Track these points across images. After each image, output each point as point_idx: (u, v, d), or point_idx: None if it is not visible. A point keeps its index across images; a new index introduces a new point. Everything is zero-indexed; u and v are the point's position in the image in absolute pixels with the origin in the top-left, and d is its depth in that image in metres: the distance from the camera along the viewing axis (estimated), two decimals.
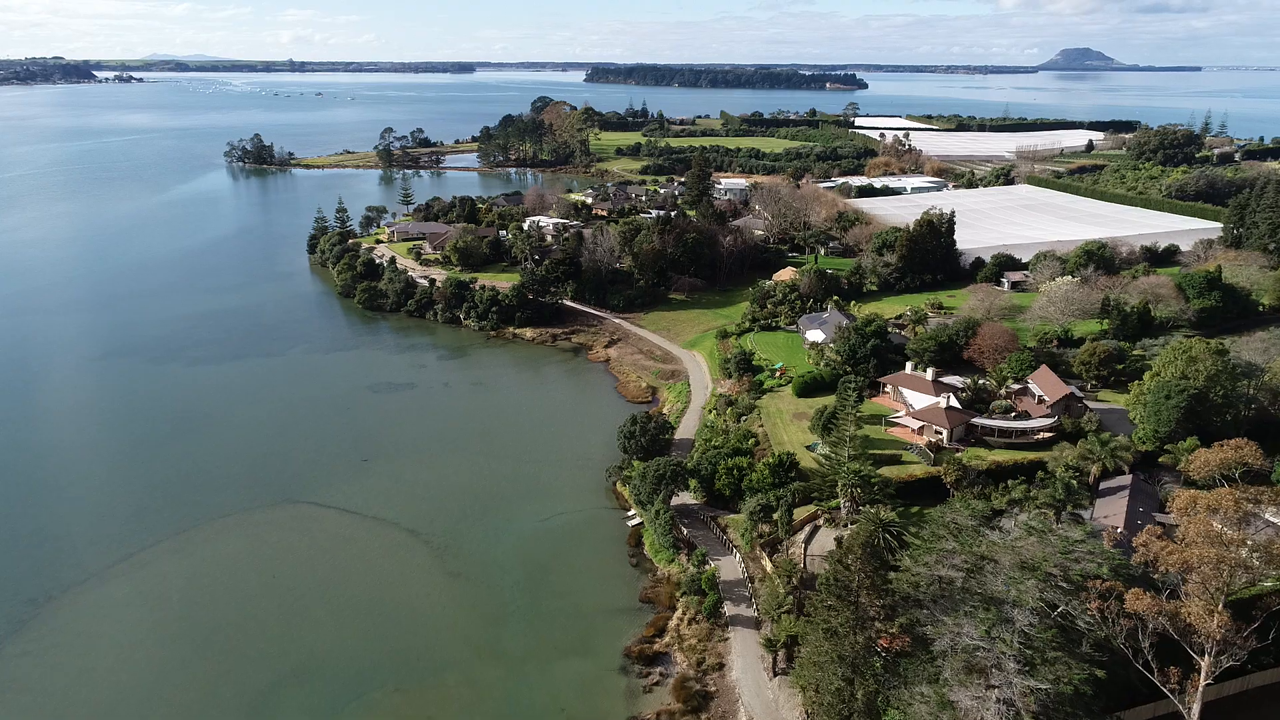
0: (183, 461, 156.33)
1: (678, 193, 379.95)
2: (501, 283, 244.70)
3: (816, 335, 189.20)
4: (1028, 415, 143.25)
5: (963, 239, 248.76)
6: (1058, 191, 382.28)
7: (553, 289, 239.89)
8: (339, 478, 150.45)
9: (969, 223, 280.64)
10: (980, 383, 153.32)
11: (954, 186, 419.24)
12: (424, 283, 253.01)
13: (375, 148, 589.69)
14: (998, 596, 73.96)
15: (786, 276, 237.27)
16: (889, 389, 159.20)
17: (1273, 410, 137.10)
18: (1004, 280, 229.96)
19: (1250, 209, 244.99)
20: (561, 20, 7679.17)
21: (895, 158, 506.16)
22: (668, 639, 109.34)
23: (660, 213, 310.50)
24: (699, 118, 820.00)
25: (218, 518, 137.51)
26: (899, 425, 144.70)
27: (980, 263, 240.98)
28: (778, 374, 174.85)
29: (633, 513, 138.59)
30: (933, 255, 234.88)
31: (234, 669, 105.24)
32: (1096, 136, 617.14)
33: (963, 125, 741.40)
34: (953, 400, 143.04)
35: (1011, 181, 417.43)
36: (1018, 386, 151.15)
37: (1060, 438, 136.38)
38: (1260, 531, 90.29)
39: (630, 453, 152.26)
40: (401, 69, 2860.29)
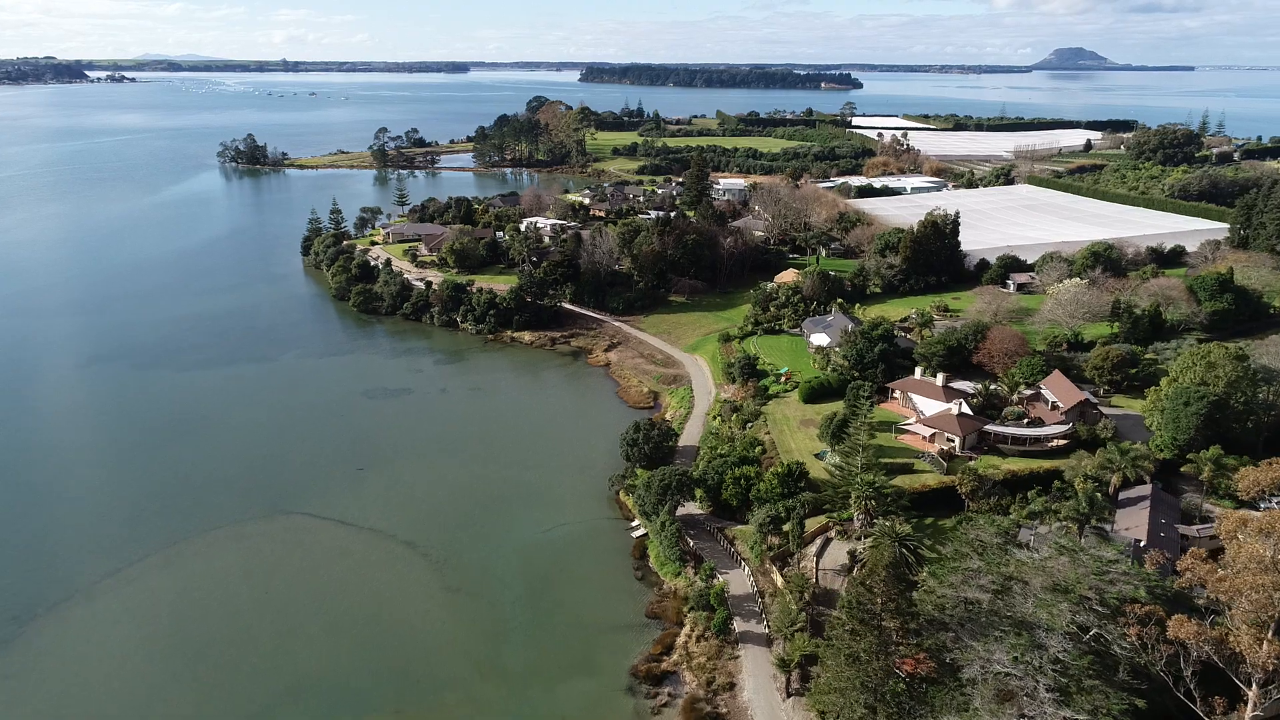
0: (173, 471, 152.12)
1: (676, 193, 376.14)
2: (499, 285, 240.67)
3: (821, 339, 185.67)
4: (1041, 422, 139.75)
5: (966, 240, 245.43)
6: (1059, 191, 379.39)
7: (551, 291, 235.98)
8: (334, 487, 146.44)
9: (971, 223, 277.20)
10: (992, 388, 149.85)
11: (954, 186, 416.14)
12: (420, 285, 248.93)
13: (370, 148, 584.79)
14: (1028, 620, 70.33)
15: (789, 278, 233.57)
16: (897, 395, 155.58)
17: None
18: (1009, 282, 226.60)
19: (1257, 209, 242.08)
20: (556, 20, 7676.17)
21: (894, 157, 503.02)
22: (676, 657, 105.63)
23: (659, 214, 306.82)
24: (695, 117, 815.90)
25: (209, 530, 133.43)
26: (909, 432, 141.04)
27: (985, 264, 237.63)
28: (783, 379, 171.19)
29: (636, 523, 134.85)
30: (937, 257, 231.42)
31: (226, 689, 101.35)
32: (1094, 136, 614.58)
33: (960, 125, 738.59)
34: (964, 407, 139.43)
35: (1012, 181, 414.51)
36: (1030, 392, 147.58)
37: (1075, 445, 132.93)
38: None
39: (633, 461, 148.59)
40: (395, 69, 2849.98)
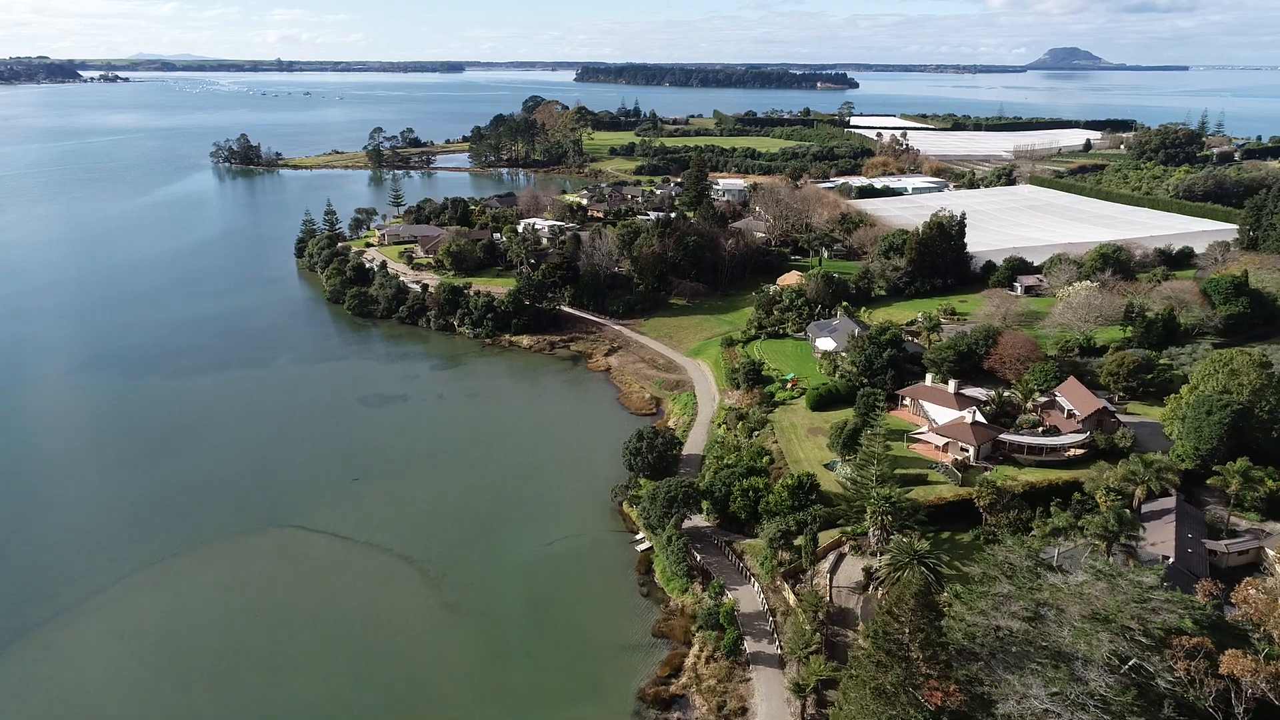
0: (162, 482, 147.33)
1: (674, 193, 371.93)
2: (496, 288, 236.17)
3: (827, 343, 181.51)
4: (1057, 430, 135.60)
5: (970, 241, 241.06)
6: (1061, 192, 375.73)
7: (550, 294, 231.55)
8: (328, 499, 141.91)
9: (974, 224, 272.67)
10: (1005, 395, 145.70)
11: (955, 187, 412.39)
12: (416, 288, 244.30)
13: (365, 148, 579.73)
14: (1065, 651, 66.10)
15: (792, 281, 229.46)
16: (908, 402, 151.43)
17: None
18: (1016, 284, 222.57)
19: (1267, 210, 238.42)
20: (551, 20, 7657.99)
21: (893, 157, 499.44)
22: (684, 679, 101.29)
23: (659, 215, 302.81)
24: (692, 117, 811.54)
25: (199, 545, 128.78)
26: (921, 441, 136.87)
27: (991, 266, 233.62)
28: (789, 385, 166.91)
29: (641, 536, 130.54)
30: (943, 259, 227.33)
31: (215, 713, 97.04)
32: (1094, 136, 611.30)
33: (958, 124, 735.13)
34: (978, 415, 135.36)
35: (1013, 182, 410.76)
36: (1044, 399, 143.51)
37: (1093, 455, 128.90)
38: None
39: (636, 470, 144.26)
40: (390, 68, 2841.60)
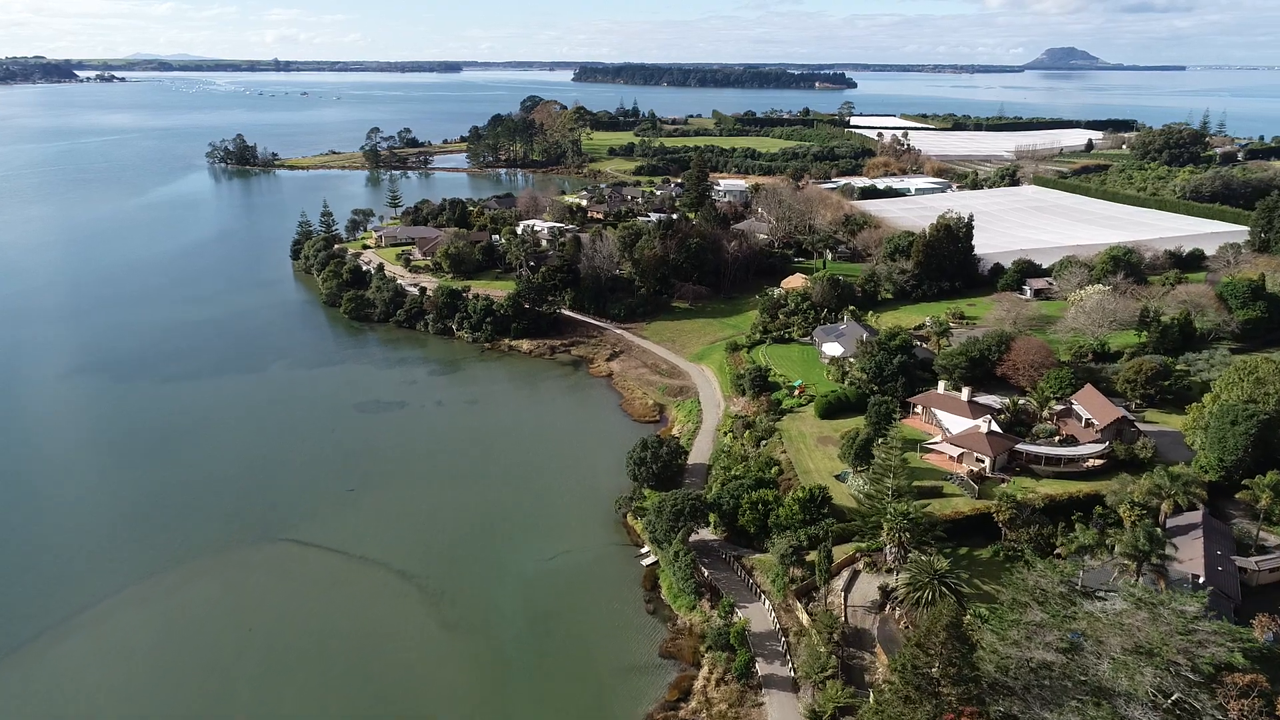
0: (152, 494, 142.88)
1: (675, 194, 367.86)
2: (495, 291, 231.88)
3: (834, 349, 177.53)
4: (1075, 440, 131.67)
5: (976, 243, 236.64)
6: (1066, 192, 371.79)
7: (550, 298, 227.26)
8: (323, 510, 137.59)
9: (980, 226, 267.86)
10: (1020, 403, 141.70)
11: (958, 187, 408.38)
12: (414, 291, 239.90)
13: (362, 148, 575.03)
14: (1106, 686, 61.96)
15: (796, 284, 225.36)
16: (919, 410, 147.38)
17: None
18: (1025, 287, 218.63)
19: (1278, 212, 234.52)
20: (549, 20, 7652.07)
21: (894, 158, 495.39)
22: (694, 704, 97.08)
23: (660, 216, 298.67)
24: (691, 117, 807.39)
25: (189, 559, 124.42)
26: (935, 451, 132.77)
27: (1000, 269, 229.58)
28: (796, 392, 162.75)
29: (646, 550, 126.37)
30: (950, 261, 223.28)
31: None
32: (1095, 136, 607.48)
33: (959, 124, 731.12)
34: (993, 424, 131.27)
35: (1017, 182, 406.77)
36: (1061, 408, 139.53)
37: (1113, 466, 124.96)
38: None
39: (640, 481, 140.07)
40: (388, 68, 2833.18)
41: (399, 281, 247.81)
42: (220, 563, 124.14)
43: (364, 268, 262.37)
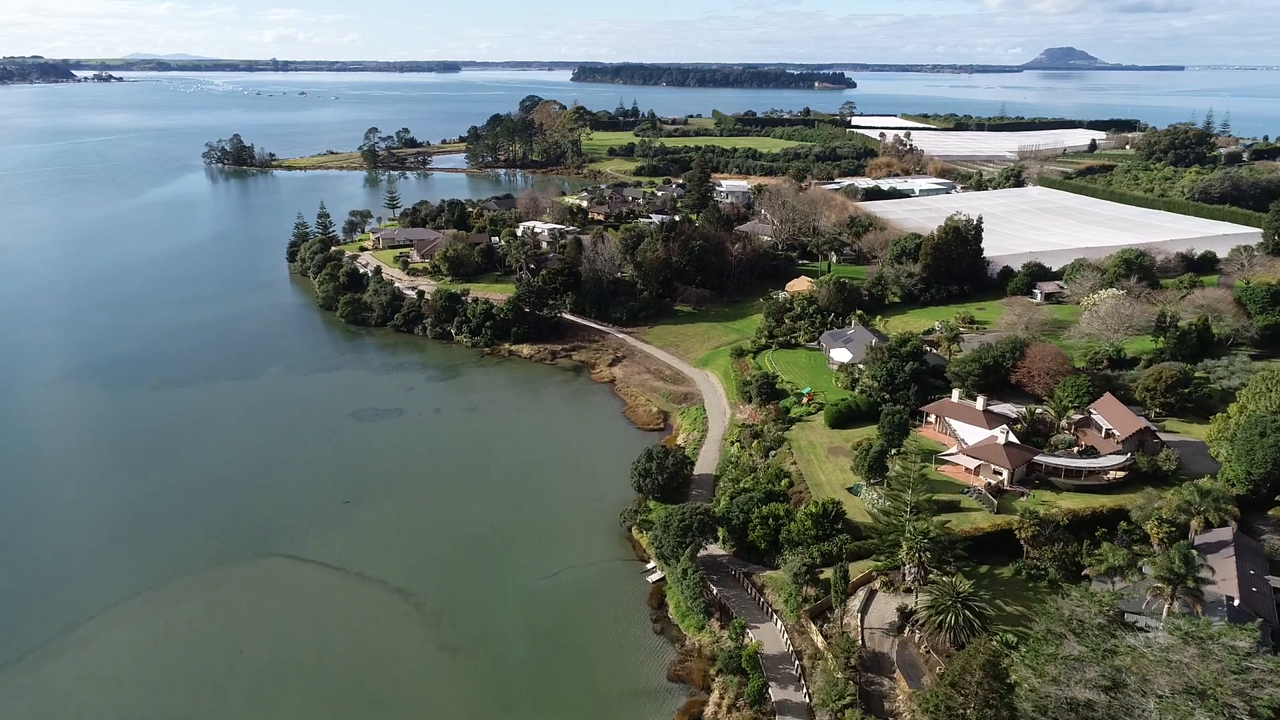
0: (139, 506, 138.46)
1: (676, 195, 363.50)
2: (495, 294, 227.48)
3: (843, 354, 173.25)
4: (1095, 451, 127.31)
5: (984, 245, 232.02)
6: (1072, 193, 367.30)
7: (551, 301, 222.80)
8: (318, 524, 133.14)
9: (987, 228, 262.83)
10: (1037, 412, 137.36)
11: (962, 188, 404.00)
12: (412, 294, 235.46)
13: (360, 148, 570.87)
14: None
15: (802, 287, 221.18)
16: (932, 419, 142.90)
17: None
18: (1036, 291, 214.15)
19: None
20: (548, 20, 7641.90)
21: (897, 158, 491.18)
22: None
23: (662, 218, 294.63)
24: (691, 117, 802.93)
25: (177, 577, 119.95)
26: (950, 463, 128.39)
27: (1009, 272, 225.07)
28: (805, 400, 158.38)
29: (652, 565, 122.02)
30: (959, 264, 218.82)
31: None
32: (1098, 136, 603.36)
33: (961, 125, 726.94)
34: (1010, 435, 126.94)
35: (1022, 183, 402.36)
36: (1079, 417, 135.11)
37: (1135, 479, 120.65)
38: None
39: (645, 492, 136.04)
40: (386, 68, 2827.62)
41: (397, 284, 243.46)
42: (210, 580, 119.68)
43: (361, 270, 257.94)
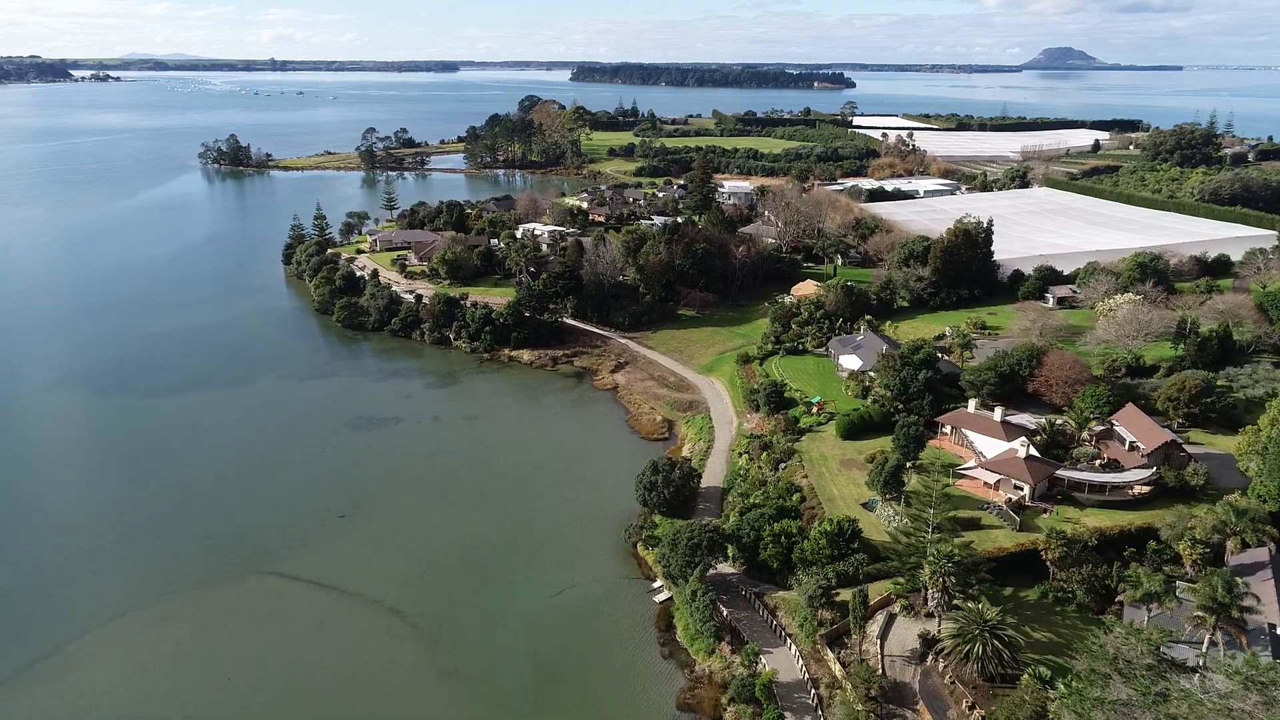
0: (125, 521, 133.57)
1: (678, 196, 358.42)
2: (495, 298, 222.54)
3: (852, 361, 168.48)
4: (1118, 465, 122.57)
5: (992, 248, 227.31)
6: (1079, 194, 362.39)
7: (552, 305, 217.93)
8: (311, 540, 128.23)
9: (994, 229, 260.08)
10: (1057, 424, 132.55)
11: (967, 189, 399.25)
12: (409, 298, 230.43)
13: (357, 148, 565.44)
14: None
15: (808, 291, 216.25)
16: (948, 430, 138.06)
17: None
18: (1048, 296, 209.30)
19: None
20: (547, 20, 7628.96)
21: (900, 159, 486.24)
22: None
23: (664, 219, 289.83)
24: (690, 117, 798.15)
25: (164, 596, 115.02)
26: (968, 478, 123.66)
27: (1019, 276, 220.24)
28: (815, 410, 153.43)
29: (659, 584, 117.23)
30: (968, 268, 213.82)
31: None
32: (1102, 136, 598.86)
33: (963, 125, 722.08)
34: (1031, 448, 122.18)
35: (1027, 184, 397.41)
36: (1101, 429, 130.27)
37: (1161, 494, 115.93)
38: None
39: (651, 506, 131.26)
40: (385, 68, 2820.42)
41: (394, 288, 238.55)
42: (197, 601, 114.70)
43: (358, 273, 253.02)
